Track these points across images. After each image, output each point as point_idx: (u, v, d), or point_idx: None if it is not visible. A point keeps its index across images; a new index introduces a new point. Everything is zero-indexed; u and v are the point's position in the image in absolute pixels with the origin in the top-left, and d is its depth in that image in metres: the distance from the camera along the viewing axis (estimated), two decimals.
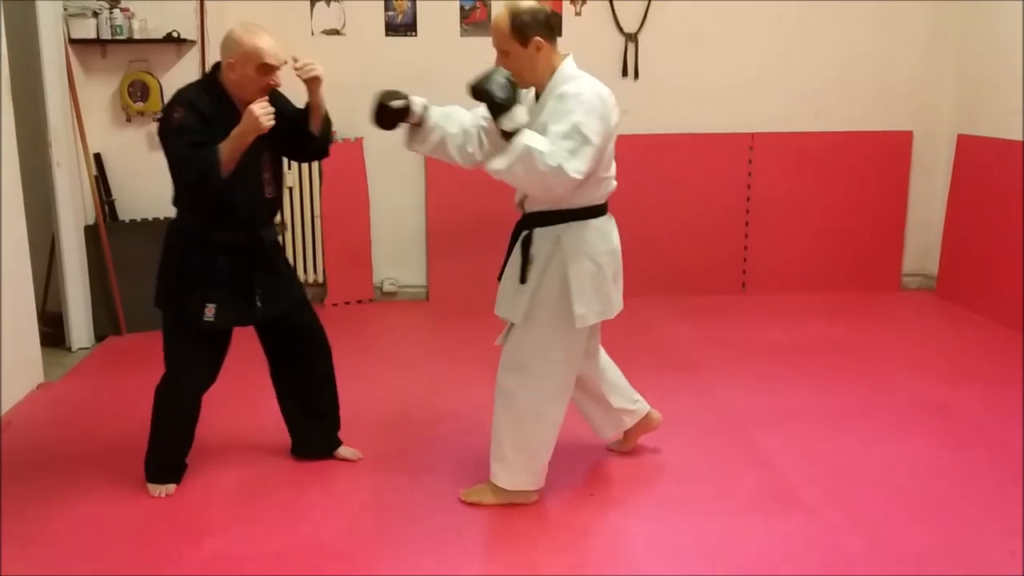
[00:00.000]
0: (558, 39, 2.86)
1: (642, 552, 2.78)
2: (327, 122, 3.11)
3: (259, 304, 3.05)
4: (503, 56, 2.81)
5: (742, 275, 5.83)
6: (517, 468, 2.99)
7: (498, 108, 2.66)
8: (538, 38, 2.76)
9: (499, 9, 2.85)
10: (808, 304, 5.52)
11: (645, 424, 3.37)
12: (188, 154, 2.84)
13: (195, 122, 2.85)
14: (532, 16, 2.76)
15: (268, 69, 2.88)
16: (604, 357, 3.24)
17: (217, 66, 2.97)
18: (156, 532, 2.89)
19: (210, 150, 2.82)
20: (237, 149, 2.83)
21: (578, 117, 2.66)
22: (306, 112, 3.05)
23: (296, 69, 2.95)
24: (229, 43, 2.89)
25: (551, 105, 2.77)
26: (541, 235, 2.88)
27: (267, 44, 2.87)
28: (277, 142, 3.05)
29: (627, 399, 3.30)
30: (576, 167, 2.63)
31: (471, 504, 3.03)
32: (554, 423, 2.98)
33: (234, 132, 2.82)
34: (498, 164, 2.70)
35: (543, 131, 2.70)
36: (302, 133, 3.06)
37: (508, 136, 2.68)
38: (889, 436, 3.58)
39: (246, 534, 2.87)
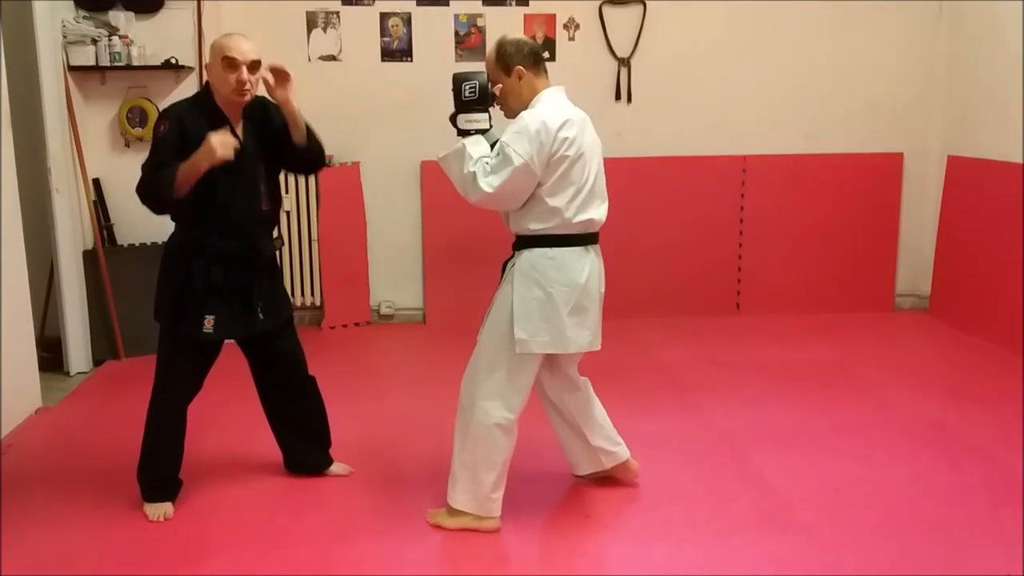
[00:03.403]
0: (546, 69, 2.98)
1: (636, 574, 2.79)
2: (311, 132, 3.08)
3: (260, 316, 3.08)
4: (493, 85, 2.95)
5: (736, 296, 5.87)
6: (461, 488, 2.95)
7: (461, 105, 2.88)
8: (520, 67, 2.91)
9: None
10: (802, 324, 5.56)
11: (623, 470, 3.29)
12: (148, 175, 2.93)
13: (175, 138, 2.91)
14: (516, 47, 2.93)
15: (231, 62, 2.91)
16: (591, 394, 3.21)
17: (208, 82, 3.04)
18: (153, 555, 2.89)
19: (168, 170, 2.87)
20: (192, 174, 2.87)
21: (507, 138, 2.81)
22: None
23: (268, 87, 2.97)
24: (210, 48, 3.00)
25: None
26: (512, 259, 2.98)
27: (234, 42, 2.94)
28: (271, 158, 3.09)
29: (608, 440, 3.24)
30: (489, 181, 2.79)
31: (433, 525, 3.01)
32: (496, 448, 2.91)
33: (191, 158, 2.86)
34: (440, 152, 2.92)
35: None
36: (287, 147, 3.06)
37: (463, 134, 2.89)
38: (884, 456, 3.60)
39: (244, 556, 2.88)
